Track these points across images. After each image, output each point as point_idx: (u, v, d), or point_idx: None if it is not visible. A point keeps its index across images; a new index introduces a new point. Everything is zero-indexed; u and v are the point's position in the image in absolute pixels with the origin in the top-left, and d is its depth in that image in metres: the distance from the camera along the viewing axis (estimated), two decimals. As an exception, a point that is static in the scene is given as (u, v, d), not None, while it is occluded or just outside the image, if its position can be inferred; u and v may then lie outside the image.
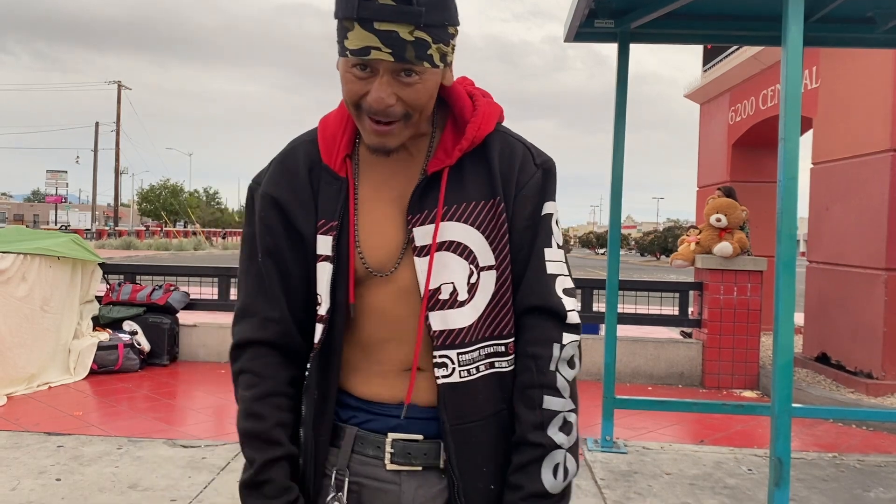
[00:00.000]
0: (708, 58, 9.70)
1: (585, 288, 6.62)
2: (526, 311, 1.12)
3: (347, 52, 1.00)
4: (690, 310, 6.76)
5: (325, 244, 1.10)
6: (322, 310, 1.11)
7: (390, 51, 0.97)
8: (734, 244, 6.34)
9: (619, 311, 4.66)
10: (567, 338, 1.11)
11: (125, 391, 5.56)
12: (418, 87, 1.02)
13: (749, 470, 4.07)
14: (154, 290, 6.66)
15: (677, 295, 6.76)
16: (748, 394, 6.19)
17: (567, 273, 1.15)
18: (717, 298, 6.36)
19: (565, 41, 4.38)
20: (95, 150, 52.29)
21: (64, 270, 6.01)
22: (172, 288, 6.75)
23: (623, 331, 5.89)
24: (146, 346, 6.34)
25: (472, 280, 1.10)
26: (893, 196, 5.62)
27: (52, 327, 5.79)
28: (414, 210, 1.10)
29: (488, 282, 1.11)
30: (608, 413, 4.38)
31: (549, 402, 1.08)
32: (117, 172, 48.82)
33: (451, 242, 1.09)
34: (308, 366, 1.14)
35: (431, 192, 1.10)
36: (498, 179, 1.12)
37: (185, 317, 6.77)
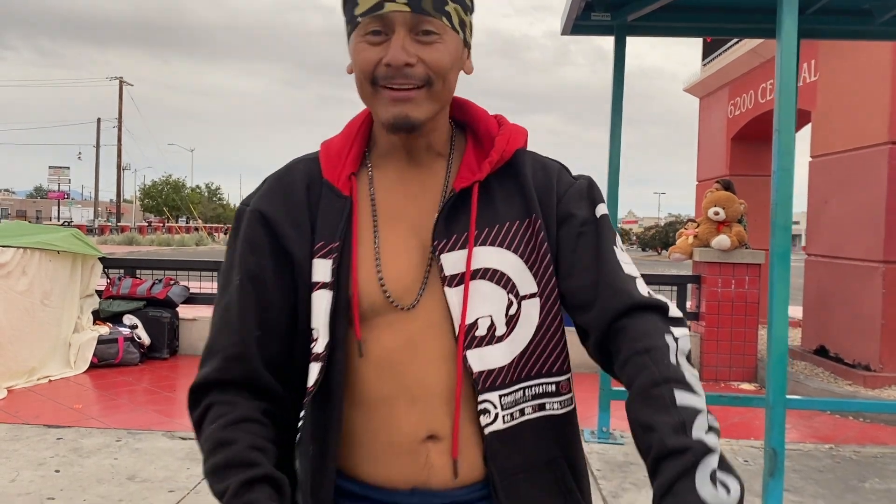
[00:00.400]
0: (707, 51, 9.69)
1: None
2: (615, 317, 0.92)
3: (358, 19, 0.91)
4: (688, 303, 6.77)
5: (323, 269, 0.94)
6: (319, 346, 0.93)
7: (406, 0, 0.89)
8: (732, 237, 6.35)
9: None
10: (678, 330, 0.90)
11: (125, 384, 5.59)
12: (439, 46, 0.91)
13: (745, 461, 4.09)
14: (154, 284, 6.69)
15: (675, 288, 6.77)
16: (746, 386, 6.21)
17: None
18: (714, 291, 6.37)
19: (562, 34, 4.39)
20: (97, 147, 52.41)
21: (64, 264, 6.03)
22: (172, 282, 6.78)
23: (621, 324, 5.88)
24: (146, 339, 6.37)
25: (511, 311, 0.95)
26: (891, 189, 5.63)
27: (53, 321, 5.81)
28: (440, 235, 0.95)
29: (531, 312, 0.96)
30: (605, 405, 4.40)
31: (683, 397, 0.83)
32: (119, 168, 48.89)
33: (487, 270, 0.95)
34: (301, 415, 0.96)
35: (459, 214, 0.97)
36: (533, 196, 0.99)
37: (184, 311, 6.80)
